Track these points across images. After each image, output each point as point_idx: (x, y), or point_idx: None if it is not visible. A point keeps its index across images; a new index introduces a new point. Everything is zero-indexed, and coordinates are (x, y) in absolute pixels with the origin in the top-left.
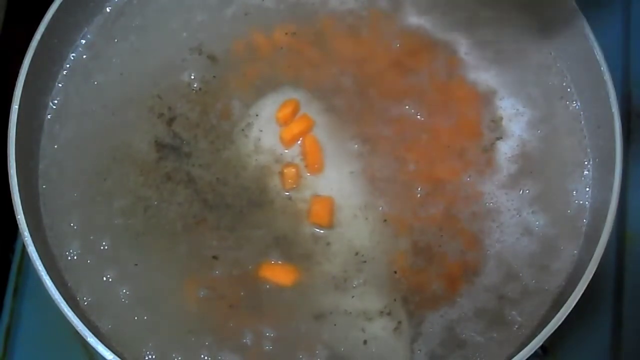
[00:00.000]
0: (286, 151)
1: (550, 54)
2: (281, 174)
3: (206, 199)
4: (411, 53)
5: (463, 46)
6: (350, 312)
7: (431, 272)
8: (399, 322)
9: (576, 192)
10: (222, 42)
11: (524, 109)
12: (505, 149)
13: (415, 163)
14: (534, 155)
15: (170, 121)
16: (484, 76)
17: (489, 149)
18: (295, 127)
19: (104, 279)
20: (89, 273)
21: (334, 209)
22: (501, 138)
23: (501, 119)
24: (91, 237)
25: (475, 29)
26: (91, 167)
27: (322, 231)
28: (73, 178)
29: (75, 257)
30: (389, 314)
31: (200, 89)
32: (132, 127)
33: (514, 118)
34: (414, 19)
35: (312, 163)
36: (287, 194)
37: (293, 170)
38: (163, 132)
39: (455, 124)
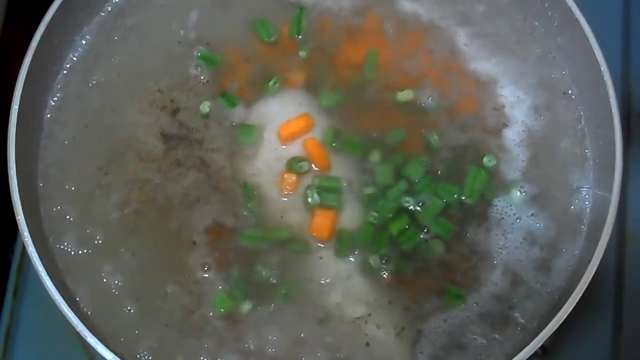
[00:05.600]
0: (284, 147)
1: (550, 54)
2: (281, 178)
3: (216, 185)
4: (409, 45)
5: (462, 37)
6: (353, 316)
7: (434, 276)
8: (402, 328)
9: (576, 192)
10: (221, 40)
11: (525, 117)
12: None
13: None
14: (534, 157)
15: (174, 112)
16: (485, 65)
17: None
18: (294, 125)
19: (104, 278)
20: (89, 273)
21: (336, 222)
22: (501, 139)
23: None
24: (91, 237)
25: (472, 22)
26: (91, 167)
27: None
28: (73, 178)
29: (74, 257)
30: (391, 318)
31: (200, 83)
32: (135, 123)
33: (514, 118)
34: (409, 5)
35: (319, 163)
36: (285, 199)
37: (293, 177)
38: (168, 124)
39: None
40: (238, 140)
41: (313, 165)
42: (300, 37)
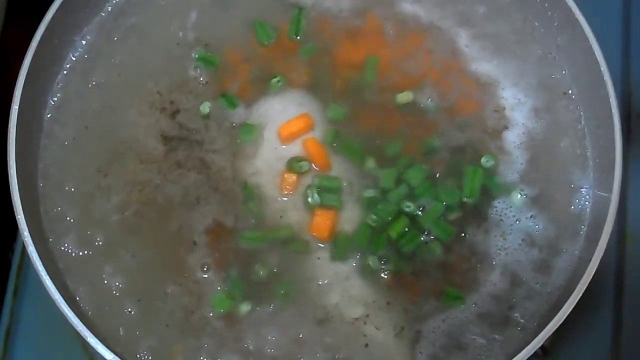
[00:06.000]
0: (284, 147)
1: (550, 54)
2: (281, 177)
3: (216, 186)
4: (410, 46)
5: (463, 38)
6: (352, 316)
7: (433, 277)
8: (402, 328)
9: (576, 192)
10: (220, 41)
11: (525, 119)
12: (503, 160)
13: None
14: (534, 158)
15: (174, 114)
16: (486, 67)
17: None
18: (294, 125)
19: (105, 279)
20: (89, 274)
21: (336, 222)
22: (501, 143)
23: (498, 128)
24: (91, 238)
25: (472, 23)
26: (92, 166)
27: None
28: (73, 178)
29: (75, 258)
30: (390, 318)
31: (200, 84)
32: (135, 124)
33: (513, 127)
34: (410, 6)
35: (319, 163)
36: (285, 199)
37: (293, 177)
38: (168, 125)
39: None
40: (238, 140)
41: (313, 165)
42: (299, 37)
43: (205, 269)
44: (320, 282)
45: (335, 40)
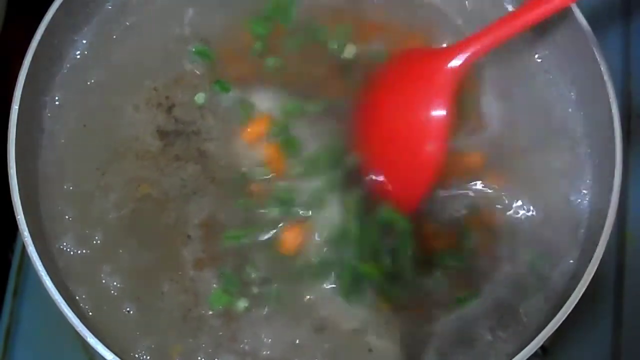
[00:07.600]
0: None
1: (550, 54)
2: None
3: (213, 176)
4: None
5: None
6: (353, 320)
7: (434, 278)
8: (404, 331)
9: (576, 193)
10: (216, 36)
11: (521, 114)
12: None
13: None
14: (533, 157)
15: (170, 109)
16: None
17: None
18: (257, 127)
19: (103, 279)
20: (88, 273)
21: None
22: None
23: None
24: (89, 237)
25: None
26: (91, 165)
27: None
28: (73, 177)
29: (74, 257)
30: (392, 321)
31: (196, 77)
32: (133, 123)
33: (508, 121)
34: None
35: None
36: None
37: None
38: (164, 121)
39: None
40: (232, 124)
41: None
42: (289, 26)
43: (199, 266)
44: (322, 283)
45: (326, 28)
